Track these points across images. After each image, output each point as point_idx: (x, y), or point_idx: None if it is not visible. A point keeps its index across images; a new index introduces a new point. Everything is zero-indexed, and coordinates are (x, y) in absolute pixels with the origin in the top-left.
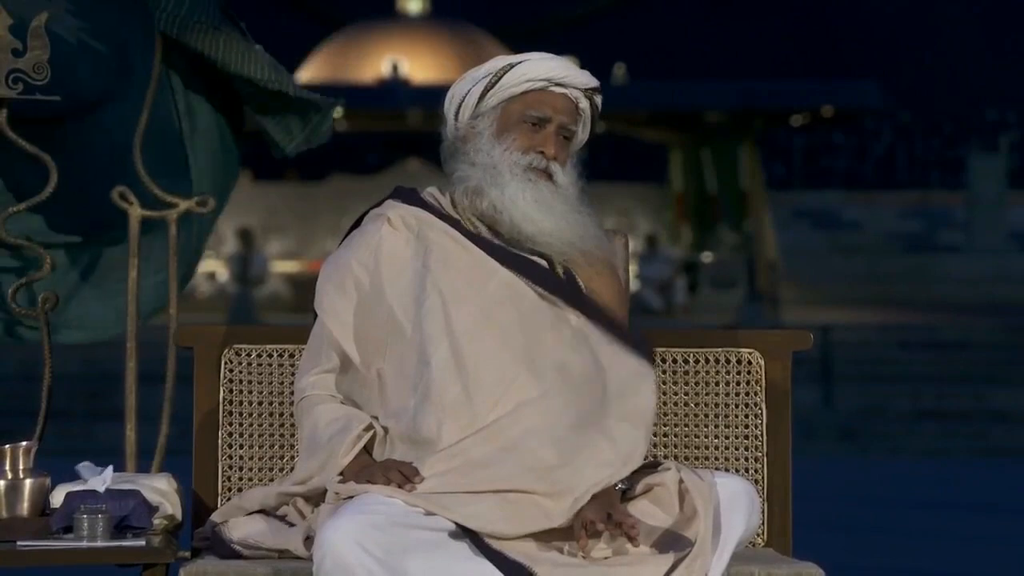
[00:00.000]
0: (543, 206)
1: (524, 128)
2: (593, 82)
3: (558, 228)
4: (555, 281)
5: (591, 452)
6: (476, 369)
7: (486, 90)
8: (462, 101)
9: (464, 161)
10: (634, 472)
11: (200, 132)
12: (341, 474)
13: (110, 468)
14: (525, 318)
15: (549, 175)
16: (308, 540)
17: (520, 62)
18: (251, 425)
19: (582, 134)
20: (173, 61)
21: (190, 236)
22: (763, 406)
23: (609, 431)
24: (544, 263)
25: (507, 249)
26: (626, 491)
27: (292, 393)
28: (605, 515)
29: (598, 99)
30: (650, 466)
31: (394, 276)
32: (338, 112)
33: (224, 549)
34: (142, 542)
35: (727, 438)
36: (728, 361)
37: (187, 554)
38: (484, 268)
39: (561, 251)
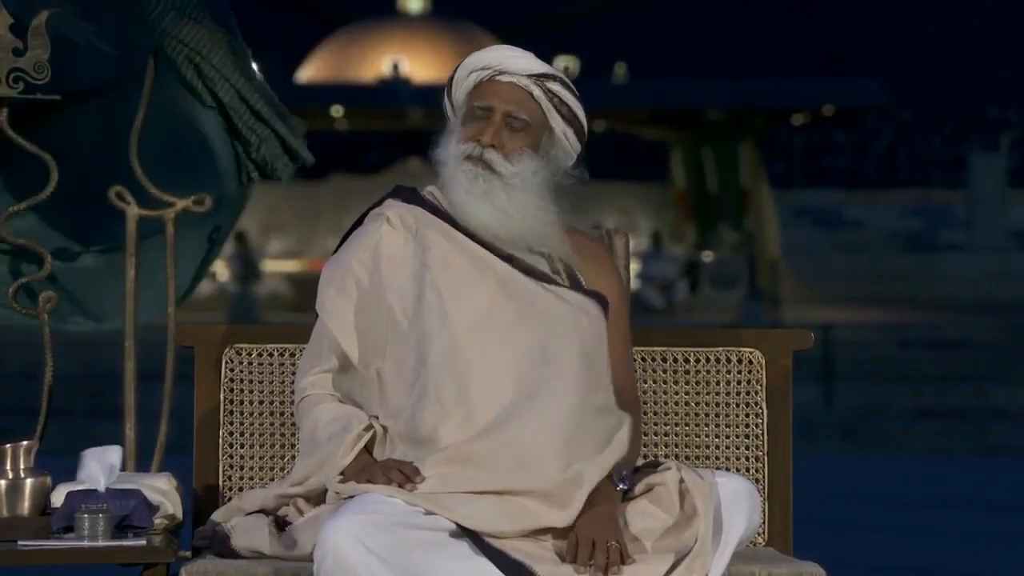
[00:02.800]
0: (477, 196)
1: (474, 120)
2: (538, 68)
3: (498, 220)
4: (551, 274)
5: (591, 450)
6: (474, 368)
7: (450, 90)
8: (444, 102)
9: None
10: (635, 471)
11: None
12: (342, 474)
13: (116, 449)
14: (523, 316)
15: (486, 164)
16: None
17: (469, 56)
18: (252, 424)
19: (551, 123)
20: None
21: (202, 238)
22: (764, 405)
23: (607, 430)
24: (543, 262)
25: (504, 249)
26: (627, 492)
27: (293, 392)
28: (605, 542)
29: (553, 86)
30: (651, 465)
31: (393, 275)
32: (339, 111)
33: (224, 548)
34: (143, 541)
35: (728, 437)
36: (729, 360)
37: (188, 554)
38: (482, 266)
39: (513, 245)
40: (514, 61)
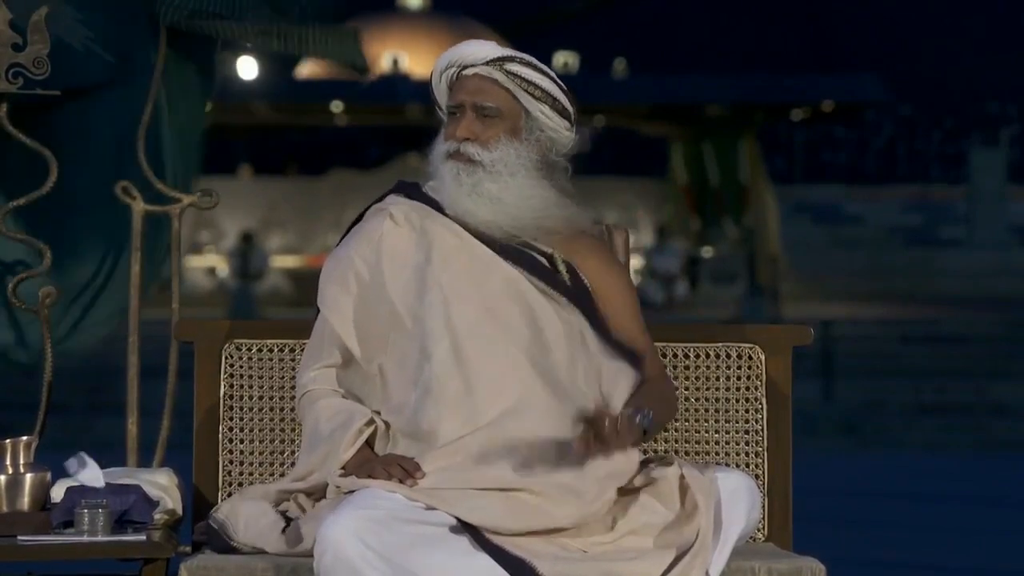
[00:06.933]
0: (467, 192)
1: (450, 120)
2: (497, 53)
3: (496, 212)
4: (555, 278)
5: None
6: (477, 365)
7: (434, 96)
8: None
9: None
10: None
11: (181, 128)
12: (343, 468)
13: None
14: (527, 314)
15: (466, 158)
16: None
17: (436, 60)
18: (252, 420)
19: (525, 104)
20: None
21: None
22: (764, 400)
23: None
24: (544, 260)
25: (509, 244)
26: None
27: (293, 388)
28: (617, 422)
29: (513, 67)
30: (651, 461)
31: (395, 271)
32: (339, 106)
33: (224, 543)
34: (142, 537)
35: (728, 433)
36: (729, 356)
37: (187, 549)
38: (485, 263)
39: (520, 232)
40: (473, 52)
